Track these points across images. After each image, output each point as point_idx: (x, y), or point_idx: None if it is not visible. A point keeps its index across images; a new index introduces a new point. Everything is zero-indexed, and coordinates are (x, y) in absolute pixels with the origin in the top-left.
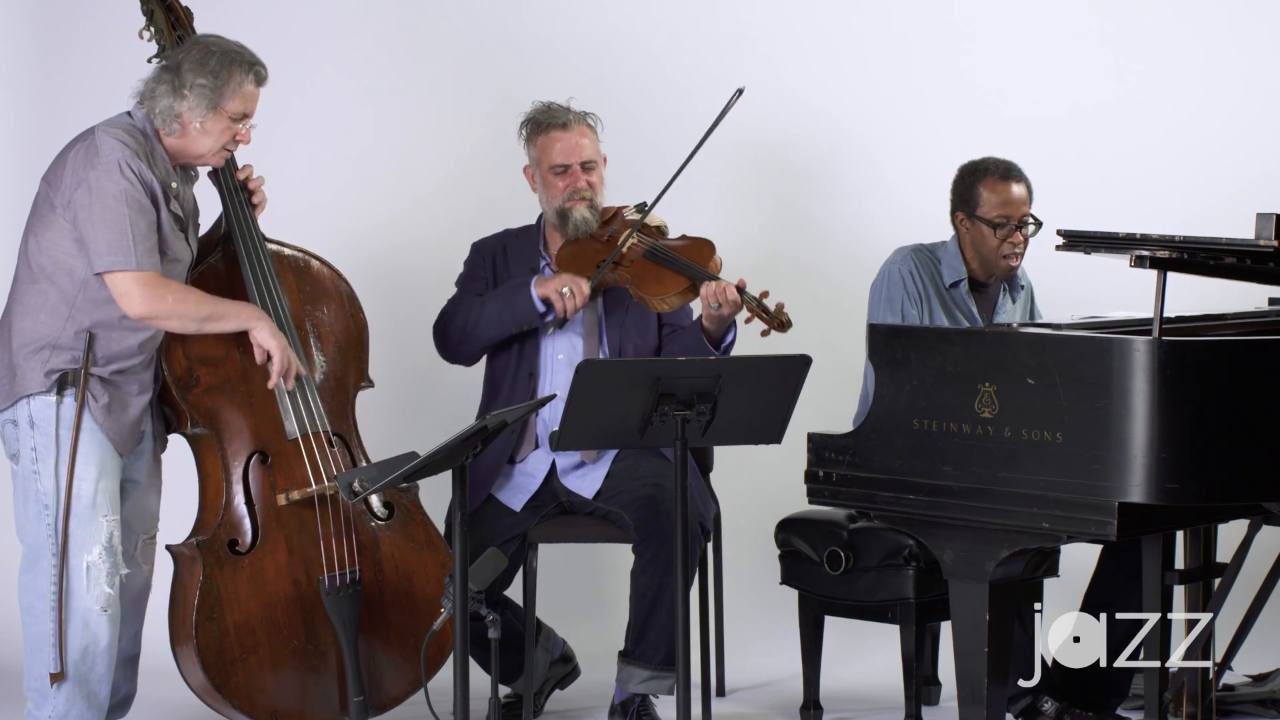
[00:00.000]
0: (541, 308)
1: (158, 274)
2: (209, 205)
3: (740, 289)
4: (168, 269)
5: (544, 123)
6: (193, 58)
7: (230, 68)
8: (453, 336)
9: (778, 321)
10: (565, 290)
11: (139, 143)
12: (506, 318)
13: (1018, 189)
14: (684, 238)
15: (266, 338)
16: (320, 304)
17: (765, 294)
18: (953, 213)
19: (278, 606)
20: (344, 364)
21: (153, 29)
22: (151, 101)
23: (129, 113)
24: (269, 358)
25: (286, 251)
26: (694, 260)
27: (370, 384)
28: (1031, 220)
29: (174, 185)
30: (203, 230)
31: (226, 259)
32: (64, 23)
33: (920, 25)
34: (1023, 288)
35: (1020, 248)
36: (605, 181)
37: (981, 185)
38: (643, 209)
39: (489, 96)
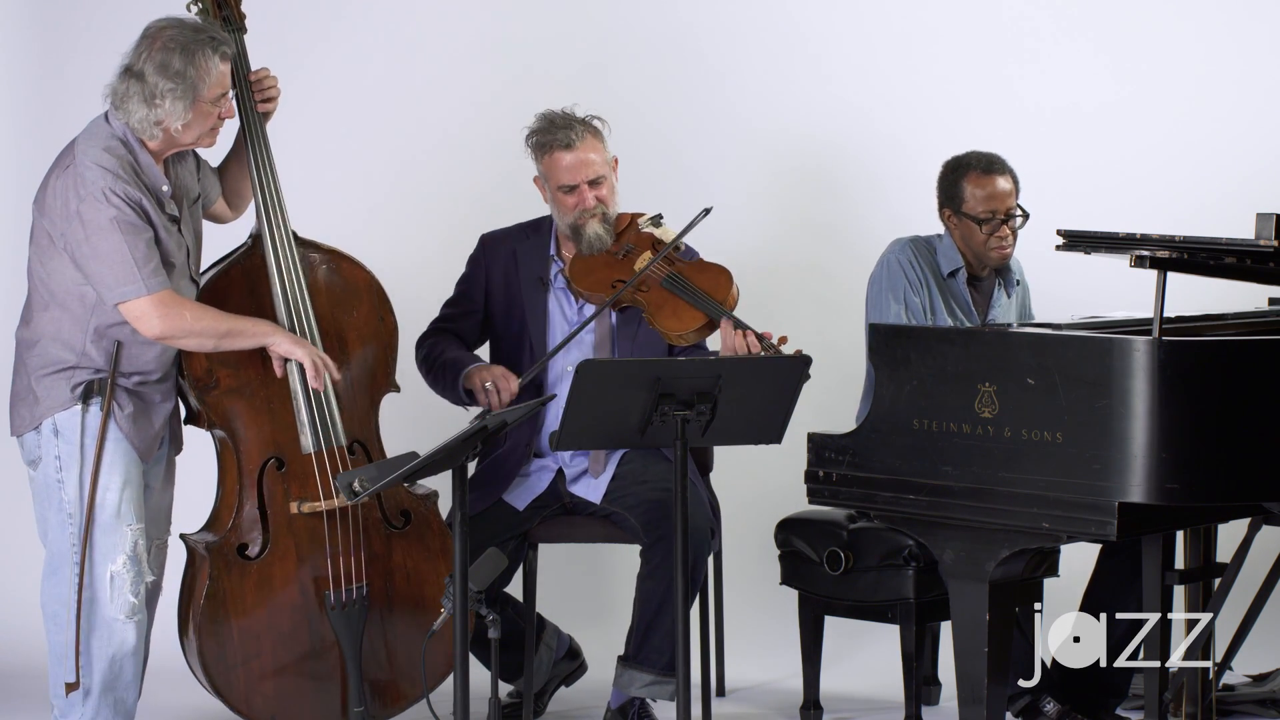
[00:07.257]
0: (467, 398)
1: (171, 291)
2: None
3: (761, 337)
4: (174, 277)
5: (548, 143)
6: (155, 62)
7: (194, 60)
8: (422, 376)
9: None
10: (489, 385)
11: (120, 160)
12: (449, 396)
13: (1002, 182)
14: (700, 263)
15: (290, 347)
16: (350, 306)
17: (784, 340)
18: (940, 208)
19: (283, 613)
20: (372, 367)
21: (200, 3)
22: (126, 113)
23: (106, 118)
24: (300, 369)
25: (318, 252)
26: (712, 294)
27: (397, 388)
28: (1019, 212)
29: (165, 189)
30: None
31: (254, 260)
32: (64, 23)
33: (921, 26)
34: (1018, 283)
35: (1009, 240)
36: (616, 188)
37: (966, 181)
38: (657, 222)
39: (492, 94)
